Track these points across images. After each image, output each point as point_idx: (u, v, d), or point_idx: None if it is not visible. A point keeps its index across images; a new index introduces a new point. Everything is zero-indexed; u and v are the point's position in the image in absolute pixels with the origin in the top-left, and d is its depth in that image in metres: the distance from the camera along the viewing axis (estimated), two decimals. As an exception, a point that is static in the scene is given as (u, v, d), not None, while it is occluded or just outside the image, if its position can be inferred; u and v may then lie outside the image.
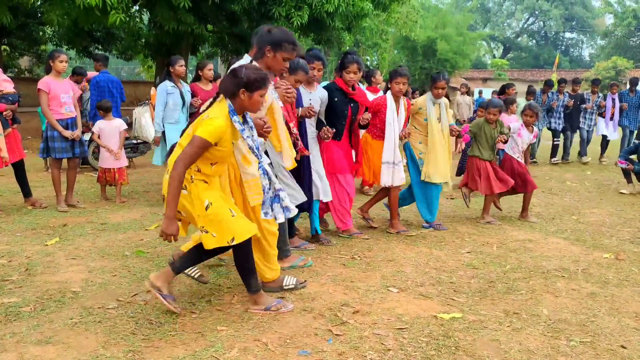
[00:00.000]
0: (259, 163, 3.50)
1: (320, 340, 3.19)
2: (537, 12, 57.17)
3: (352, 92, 5.25)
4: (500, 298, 3.97)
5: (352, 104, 5.29)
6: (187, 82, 7.41)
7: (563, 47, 58.44)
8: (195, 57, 20.44)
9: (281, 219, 3.67)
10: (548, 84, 12.20)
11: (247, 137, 3.36)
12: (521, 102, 10.34)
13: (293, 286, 3.93)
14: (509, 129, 6.50)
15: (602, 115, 12.39)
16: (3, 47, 21.34)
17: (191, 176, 3.27)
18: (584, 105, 12.15)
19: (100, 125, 7.04)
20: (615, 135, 12.44)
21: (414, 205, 6.23)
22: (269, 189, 3.59)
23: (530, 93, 11.22)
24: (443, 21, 31.60)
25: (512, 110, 8.64)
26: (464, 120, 12.89)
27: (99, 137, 7.01)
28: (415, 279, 4.32)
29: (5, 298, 3.69)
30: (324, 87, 5.24)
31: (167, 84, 6.83)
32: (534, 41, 60.21)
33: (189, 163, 3.17)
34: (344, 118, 5.25)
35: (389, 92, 5.58)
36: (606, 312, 3.77)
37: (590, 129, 12.43)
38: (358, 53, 5.54)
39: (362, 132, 5.71)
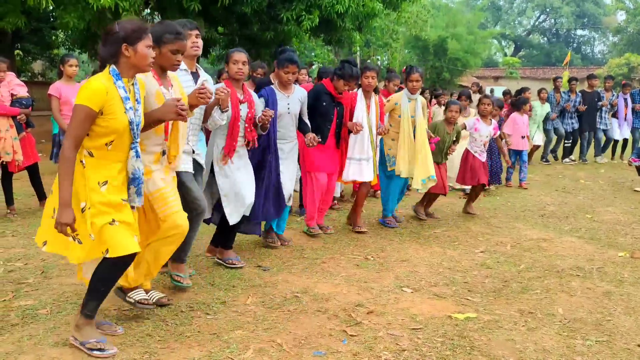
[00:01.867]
0: (133, 144, 2.97)
1: (334, 340, 3.20)
2: (548, 10, 56.75)
3: (340, 96, 5.28)
4: (515, 297, 3.95)
5: (338, 107, 5.30)
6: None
7: (575, 45, 57.98)
8: (207, 59, 20.55)
9: (138, 203, 3.10)
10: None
11: (130, 108, 2.89)
12: (536, 104, 10.23)
13: (133, 301, 3.41)
14: (464, 127, 6.58)
15: (615, 116, 11.92)
16: (16, 51, 21.54)
17: (81, 161, 2.87)
18: (600, 103, 11.59)
19: None
20: (627, 133, 12.11)
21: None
22: (137, 172, 3.02)
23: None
24: (454, 20, 31.48)
25: (525, 110, 8.63)
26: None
27: None
28: (429, 279, 4.32)
29: (22, 301, 3.73)
30: (313, 90, 5.25)
31: None
32: (546, 39, 59.80)
33: (75, 138, 2.78)
34: (329, 121, 5.26)
35: (360, 90, 5.54)
36: (622, 311, 3.75)
37: (608, 128, 11.84)
38: (368, 53, 5.58)
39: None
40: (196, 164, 3.96)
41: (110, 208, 2.89)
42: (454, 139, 6.31)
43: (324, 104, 5.19)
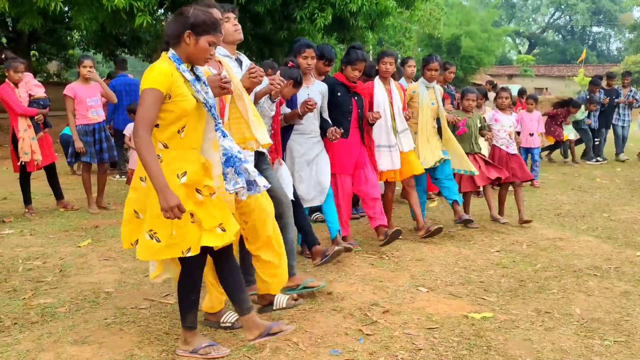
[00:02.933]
0: (216, 125, 2.89)
1: (350, 339, 3.20)
2: (563, 7, 56.29)
3: (354, 85, 4.95)
4: (531, 297, 3.93)
5: (355, 97, 4.98)
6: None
7: (590, 42, 57.48)
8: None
9: (241, 184, 2.93)
10: (595, 83, 11.90)
11: (198, 91, 2.77)
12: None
13: (230, 325, 3.36)
14: (484, 120, 6.31)
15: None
16: (32, 52, 21.77)
17: (158, 155, 2.71)
18: (617, 100, 11.55)
19: (131, 128, 7.17)
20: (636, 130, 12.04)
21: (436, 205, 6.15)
22: (229, 150, 2.90)
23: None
24: (467, 18, 31.33)
25: (531, 108, 8.62)
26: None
27: (130, 140, 7.13)
28: (444, 279, 4.31)
29: (41, 299, 3.78)
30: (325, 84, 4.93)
31: None
32: (560, 36, 59.34)
33: (145, 123, 2.63)
34: (349, 113, 4.92)
35: (377, 78, 5.34)
36: (641, 311, 3.71)
37: (626, 125, 11.76)
38: (381, 50, 5.38)
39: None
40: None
41: (190, 200, 2.76)
42: (479, 124, 6.05)
43: (339, 94, 4.87)
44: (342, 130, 4.63)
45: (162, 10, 13.71)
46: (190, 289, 2.96)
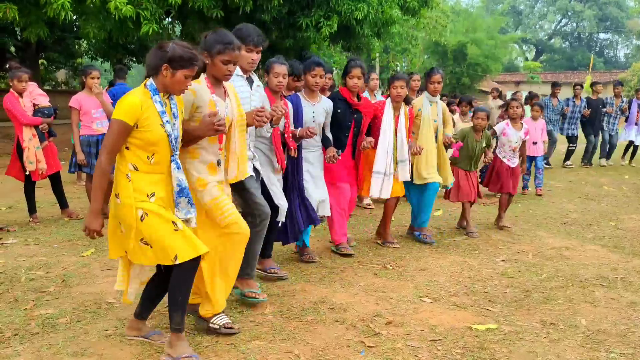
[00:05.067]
0: (172, 157, 2.98)
1: (352, 352, 3.17)
2: (569, 13, 56.22)
3: (357, 103, 4.96)
4: (536, 308, 3.88)
5: (355, 115, 4.99)
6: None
7: (597, 48, 57.31)
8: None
9: (193, 214, 3.07)
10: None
11: (166, 121, 2.91)
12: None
13: (217, 327, 3.35)
14: (494, 133, 6.42)
15: (627, 119, 12.11)
16: (41, 60, 21.94)
17: (127, 174, 2.89)
18: (604, 110, 11.81)
19: None
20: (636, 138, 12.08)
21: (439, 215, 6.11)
22: (181, 182, 3.01)
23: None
24: (473, 25, 31.35)
25: (535, 116, 8.54)
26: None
27: None
28: (448, 289, 4.26)
29: (42, 309, 3.76)
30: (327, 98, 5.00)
31: None
32: (567, 43, 59.21)
33: (110, 151, 2.85)
34: (347, 130, 4.97)
35: (388, 100, 5.26)
36: (648, 322, 3.66)
37: (614, 133, 12.05)
38: (387, 59, 5.37)
39: None
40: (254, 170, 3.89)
41: (167, 214, 2.93)
42: (484, 145, 6.01)
43: (339, 111, 4.89)
44: (339, 158, 4.68)
45: (169, 19, 13.79)
46: (178, 290, 3.00)
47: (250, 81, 3.92)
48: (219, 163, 3.37)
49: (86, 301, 3.92)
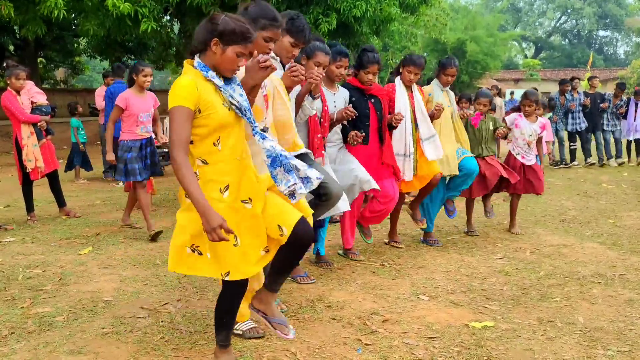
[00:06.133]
0: (253, 129, 2.68)
1: (349, 350, 3.16)
2: (569, 11, 56.20)
3: (369, 87, 4.66)
4: (534, 306, 3.88)
5: (372, 100, 4.69)
6: None
7: (597, 46, 57.31)
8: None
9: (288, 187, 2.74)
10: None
11: (231, 96, 2.59)
12: None
13: (240, 332, 3.30)
14: (505, 123, 5.99)
15: (624, 117, 12.06)
16: (39, 59, 21.93)
17: (195, 172, 2.57)
18: (601, 105, 11.69)
19: None
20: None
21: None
22: (272, 150, 2.70)
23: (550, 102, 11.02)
24: (473, 22, 31.37)
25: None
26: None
27: None
28: (446, 287, 4.26)
29: (39, 308, 3.76)
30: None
31: None
32: (567, 40, 59.19)
33: (179, 143, 2.46)
34: (366, 117, 4.63)
35: (398, 79, 5.04)
36: (645, 320, 3.66)
37: (616, 129, 11.94)
38: (386, 57, 5.15)
39: None
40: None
41: (235, 216, 2.61)
42: (492, 127, 5.73)
43: (354, 99, 4.56)
44: (363, 134, 4.39)
45: (168, 17, 13.78)
46: (226, 311, 2.83)
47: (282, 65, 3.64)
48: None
49: (83, 299, 3.92)
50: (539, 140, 6.08)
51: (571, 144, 11.75)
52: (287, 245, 2.75)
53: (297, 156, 3.32)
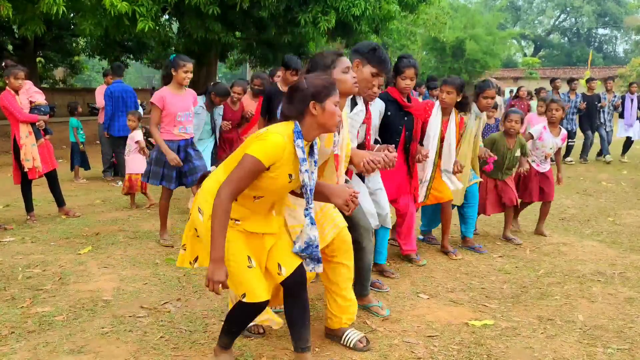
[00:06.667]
0: (306, 210, 2.71)
1: (348, 348, 3.16)
2: (568, 9, 56.19)
3: (408, 105, 4.43)
4: (533, 304, 3.88)
5: (406, 118, 4.46)
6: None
7: (596, 44, 57.29)
8: (224, 63, 20.68)
9: (317, 269, 2.83)
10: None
11: (306, 171, 2.60)
12: None
13: (352, 345, 3.19)
14: (532, 137, 5.74)
15: (622, 116, 12.19)
16: (38, 59, 21.92)
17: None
18: (599, 104, 11.87)
19: (139, 135, 7.32)
20: (637, 135, 12.13)
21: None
22: (313, 241, 2.75)
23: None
24: (472, 21, 31.37)
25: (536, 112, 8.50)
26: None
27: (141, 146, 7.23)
28: (445, 285, 4.26)
29: (39, 307, 3.76)
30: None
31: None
32: (566, 38, 59.17)
33: (235, 189, 2.50)
34: (397, 134, 4.40)
35: (437, 101, 4.79)
36: (645, 317, 3.66)
37: (610, 130, 12.09)
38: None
39: None
40: None
41: (247, 239, 2.67)
42: (518, 154, 5.48)
43: (389, 113, 4.34)
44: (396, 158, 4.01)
45: (166, 17, 13.77)
46: (237, 323, 2.84)
47: (354, 103, 3.57)
48: None
49: (83, 299, 3.91)
50: (558, 153, 5.95)
51: (569, 140, 11.82)
52: (286, 292, 2.83)
53: None
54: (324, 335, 3.32)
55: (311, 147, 2.72)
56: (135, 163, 7.13)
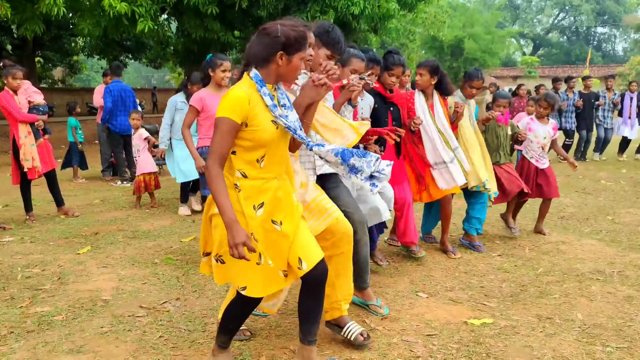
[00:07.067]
0: (307, 145, 2.62)
1: (348, 347, 3.17)
2: (567, 8, 56.24)
3: (390, 95, 4.51)
4: (532, 302, 3.88)
5: (391, 108, 4.53)
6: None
7: (595, 43, 57.36)
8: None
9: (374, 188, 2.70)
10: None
11: (280, 116, 2.52)
12: None
13: (352, 338, 3.17)
14: (518, 127, 5.66)
15: (621, 114, 12.21)
16: (37, 58, 21.91)
17: (235, 184, 2.54)
18: (597, 103, 11.92)
19: (145, 134, 7.35)
20: (635, 134, 12.15)
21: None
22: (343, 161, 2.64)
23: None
24: (471, 20, 31.40)
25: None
26: None
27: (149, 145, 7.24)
28: (444, 284, 4.26)
29: (38, 307, 3.76)
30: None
31: (177, 98, 6.37)
32: (565, 37, 59.22)
33: (218, 155, 2.44)
34: (384, 125, 4.42)
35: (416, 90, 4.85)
36: (643, 316, 3.66)
37: (609, 127, 12.11)
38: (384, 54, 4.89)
39: None
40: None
41: (263, 235, 2.58)
42: (510, 132, 5.50)
43: (376, 106, 4.40)
44: (381, 149, 4.21)
45: (165, 16, 13.78)
46: (234, 318, 2.81)
47: None
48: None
49: (82, 299, 3.92)
50: (555, 143, 5.90)
51: (566, 139, 11.88)
52: (304, 285, 2.75)
53: (325, 175, 3.41)
54: (323, 333, 3.32)
55: (277, 91, 2.62)
56: (147, 162, 7.12)
